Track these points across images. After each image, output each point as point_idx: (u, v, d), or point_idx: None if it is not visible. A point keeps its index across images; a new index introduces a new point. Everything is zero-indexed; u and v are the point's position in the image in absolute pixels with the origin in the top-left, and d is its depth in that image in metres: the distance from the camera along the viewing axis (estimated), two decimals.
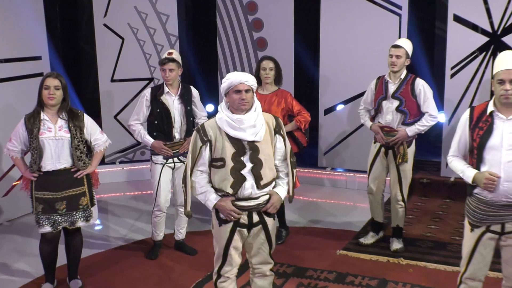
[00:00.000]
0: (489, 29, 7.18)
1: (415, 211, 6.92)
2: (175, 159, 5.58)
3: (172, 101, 5.53)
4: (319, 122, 8.28)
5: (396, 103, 5.50)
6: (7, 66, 6.83)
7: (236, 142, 3.80)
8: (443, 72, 7.59)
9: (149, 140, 5.50)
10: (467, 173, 3.76)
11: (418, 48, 8.95)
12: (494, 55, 7.16)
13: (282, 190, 4.00)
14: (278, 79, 5.92)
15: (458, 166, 3.86)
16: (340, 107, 8.08)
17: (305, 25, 9.45)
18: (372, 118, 5.78)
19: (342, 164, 8.27)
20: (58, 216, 4.72)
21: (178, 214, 5.77)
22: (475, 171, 3.71)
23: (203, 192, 3.89)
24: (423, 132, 5.60)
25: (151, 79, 8.60)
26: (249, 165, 3.81)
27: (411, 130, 5.47)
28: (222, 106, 3.88)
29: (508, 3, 7.02)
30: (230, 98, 3.79)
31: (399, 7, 7.63)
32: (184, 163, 5.46)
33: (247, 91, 3.78)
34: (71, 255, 5.02)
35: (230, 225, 3.90)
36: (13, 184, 6.83)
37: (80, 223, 4.84)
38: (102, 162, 8.58)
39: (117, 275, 5.30)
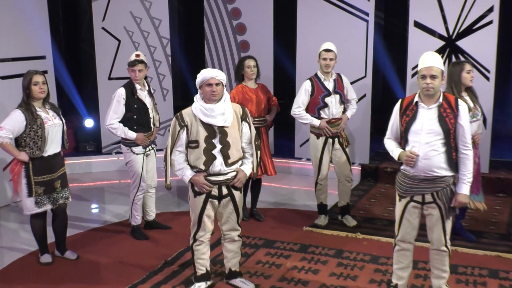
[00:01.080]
0: (445, 34, 7.78)
1: (378, 196, 7.55)
2: (148, 148, 6.05)
3: (145, 96, 6.00)
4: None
5: (338, 97, 6.15)
6: (15, 65, 7.37)
7: (208, 127, 4.47)
8: (405, 72, 8.17)
9: (133, 134, 5.87)
10: (395, 152, 4.43)
11: (383, 50, 9.60)
12: (449, 58, 7.78)
13: (247, 168, 4.67)
14: (258, 75, 6.59)
15: (389, 147, 4.52)
16: None
17: (283, 29, 9.74)
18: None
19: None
20: (55, 194, 5.31)
21: (149, 197, 6.24)
22: (401, 150, 4.39)
23: (180, 168, 4.55)
24: None
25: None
26: (218, 146, 4.48)
27: (349, 114, 6.26)
28: (197, 97, 4.54)
29: (462, 11, 7.63)
30: (203, 90, 4.45)
31: (367, 14, 8.16)
32: (154, 150, 6.12)
33: (217, 84, 4.44)
34: (61, 230, 5.53)
35: (203, 196, 4.56)
36: None
37: (70, 199, 5.47)
38: (99, 153, 9.23)
39: (110, 247, 5.89)
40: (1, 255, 5.78)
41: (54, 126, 5.24)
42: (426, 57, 4.30)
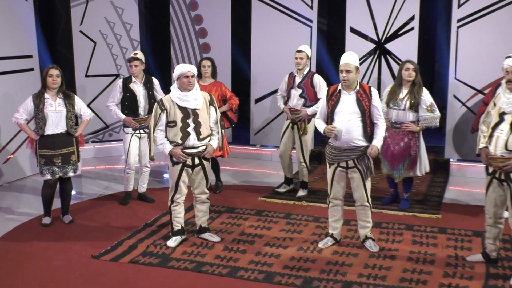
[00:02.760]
0: (375, 38, 8.92)
1: (321, 174, 8.60)
2: (141, 131, 7.01)
3: (138, 88, 6.95)
4: (251, 110, 9.75)
5: (299, 91, 7.15)
6: (4, 63, 8.03)
7: (184, 109, 5.46)
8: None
9: (122, 116, 6.92)
10: (321, 128, 5.49)
11: (325, 51, 10.67)
12: (379, 59, 8.93)
13: (214, 143, 5.68)
14: (214, 74, 7.49)
15: (318, 124, 5.58)
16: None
17: (239, 33, 10.48)
18: (285, 103, 7.45)
19: (268, 142, 9.74)
20: (55, 168, 6.19)
21: (142, 173, 7.22)
22: (325, 126, 5.45)
23: (162, 143, 5.52)
24: None
25: (117, 75, 9.86)
26: (192, 125, 5.48)
27: (310, 111, 7.10)
28: (174, 86, 5.51)
29: (389, 19, 8.79)
30: (181, 81, 5.42)
31: (311, 21, 9.20)
32: (147, 135, 7.07)
33: (192, 76, 5.44)
34: (65, 197, 6.46)
35: (180, 165, 5.55)
36: (8, 156, 8.15)
37: (71, 174, 6.34)
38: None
39: (97, 214, 6.78)
40: (9, 221, 6.58)
41: (55, 112, 6.13)
42: (344, 56, 5.41)
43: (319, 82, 7.11)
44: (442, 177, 8.45)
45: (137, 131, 7.04)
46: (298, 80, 7.16)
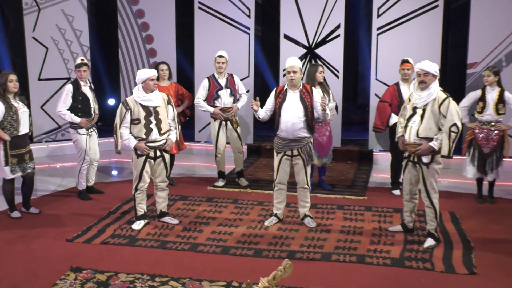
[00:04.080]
0: (306, 44, 9.76)
1: (261, 166, 9.43)
2: (90, 129, 7.44)
3: (87, 91, 7.37)
4: (195, 110, 10.34)
5: (228, 91, 7.86)
6: None
7: (146, 108, 6.08)
8: (278, 72, 10.01)
9: (78, 119, 7.22)
10: (261, 116, 6.32)
11: (262, 56, 11.44)
12: (310, 61, 9.76)
13: (173, 137, 6.32)
14: (170, 76, 8.12)
15: (260, 115, 6.34)
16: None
17: (183, 39, 10.94)
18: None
19: (210, 138, 10.17)
20: (25, 164, 6.66)
21: (91, 168, 7.61)
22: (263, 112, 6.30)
23: (127, 138, 6.11)
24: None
25: (68, 78, 10.21)
26: (154, 122, 6.11)
27: (239, 105, 7.94)
28: (138, 88, 6.08)
29: (318, 27, 9.63)
30: (147, 84, 6.01)
31: (248, 28, 9.91)
32: (95, 132, 7.53)
33: (156, 79, 6.08)
34: (29, 191, 6.86)
35: (143, 157, 6.16)
36: None
37: (35, 169, 6.82)
38: (31, 141, 10.26)
39: (62, 206, 7.22)
40: None
41: (24, 112, 6.57)
42: (289, 60, 6.20)
43: (238, 80, 8.05)
44: (367, 165, 9.43)
45: (89, 130, 7.44)
46: (223, 82, 7.87)
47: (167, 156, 6.34)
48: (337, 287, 4.92)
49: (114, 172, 9.33)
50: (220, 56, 7.85)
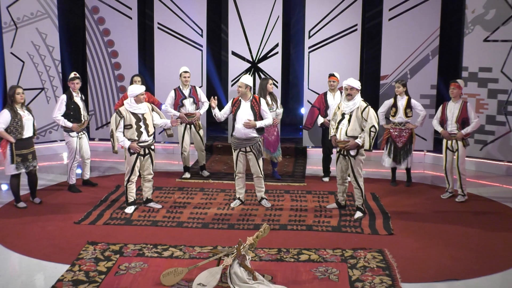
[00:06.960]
0: (251, 59, 11.09)
1: (216, 161, 10.72)
2: (81, 133, 8.50)
3: (78, 101, 8.43)
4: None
5: (191, 99, 9.05)
6: None
7: (136, 115, 7.26)
8: (227, 85, 11.23)
9: (69, 124, 8.24)
10: (219, 115, 7.62)
11: (214, 69, 12.62)
12: (254, 74, 11.14)
13: (202, 110, 7.72)
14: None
15: (218, 116, 7.64)
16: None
17: (145, 54, 11.94)
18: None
19: (173, 139, 11.51)
20: (28, 162, 7.65)
21: (85, 164, 8.74)
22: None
23: (122, 140, 7.25)
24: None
25: (42, 89, 11.02)
26: (143, 126, 7.32)
27: (202, 111, 9.15)
28: (131, 100, 7.23)
29: (260, 45, 10.95)
30: (138, 98, 7.16)
31: (201, 46, 11.07)
32: (86, 135, 8.60)
33: (144, 94, 7.30)
34: (33, 184, 7.81)
35: (135, 155, 7.35)
36: None
37: (37, 166, 7.84)
38: None
39: (59, 197, 8.19)
40: None
41: (28, 120, 7.54)
42: (242, 78, 7.54)
43: (200, 91, 9.30)
44: (302, 159, 10.97)
45: (79, 134, 8.52)
46: (187, 92, 9.07)
47: (153, 153, 7.56)
48: (295, 245, 6.36)
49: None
50: (186, 72, 9.08)
